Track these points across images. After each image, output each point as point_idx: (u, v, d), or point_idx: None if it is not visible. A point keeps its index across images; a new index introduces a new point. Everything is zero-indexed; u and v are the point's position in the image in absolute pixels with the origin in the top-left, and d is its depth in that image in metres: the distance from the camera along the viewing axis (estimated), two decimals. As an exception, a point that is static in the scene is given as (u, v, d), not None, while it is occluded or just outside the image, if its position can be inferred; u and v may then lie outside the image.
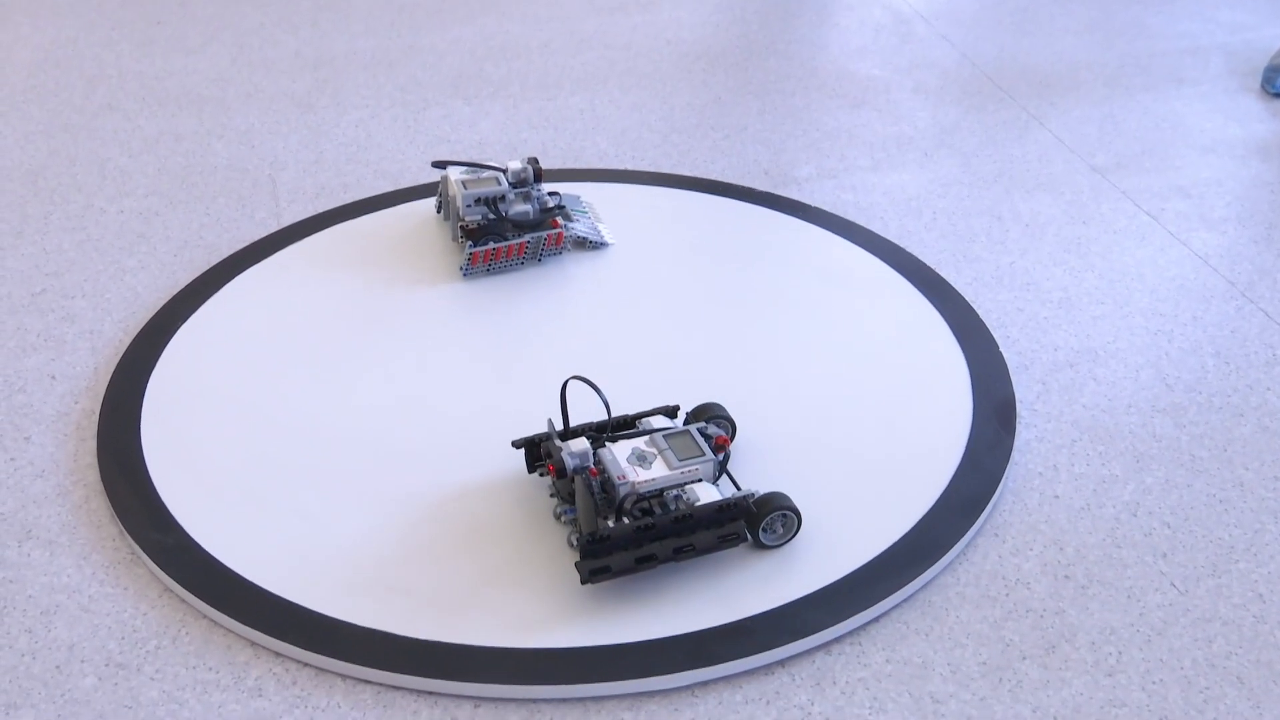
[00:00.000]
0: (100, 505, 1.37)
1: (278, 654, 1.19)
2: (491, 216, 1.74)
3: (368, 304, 1.68)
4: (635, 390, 1.49)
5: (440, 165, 1.73)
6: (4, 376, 1.57)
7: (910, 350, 1.60)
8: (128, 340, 1.62)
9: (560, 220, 1.78)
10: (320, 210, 1.92)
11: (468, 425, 1.46)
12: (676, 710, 1.14)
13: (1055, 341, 1.64)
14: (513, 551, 1.29)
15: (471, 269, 1.72)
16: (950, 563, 1.30)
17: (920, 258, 1.80)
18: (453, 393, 1.51)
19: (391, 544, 1.30)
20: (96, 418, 1.48)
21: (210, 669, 1.18)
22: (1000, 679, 1.17)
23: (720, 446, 1.30)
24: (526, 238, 1.72)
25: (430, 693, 1.15)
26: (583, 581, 1.20)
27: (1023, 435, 1.47)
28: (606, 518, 1.25)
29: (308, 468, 1.40)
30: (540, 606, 1.22)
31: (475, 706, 1.14)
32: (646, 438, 1.30)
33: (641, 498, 1.25)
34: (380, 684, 1.16)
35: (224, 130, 2.18)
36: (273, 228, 1.87)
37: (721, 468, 1.30)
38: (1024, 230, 1.89)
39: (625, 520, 1.23)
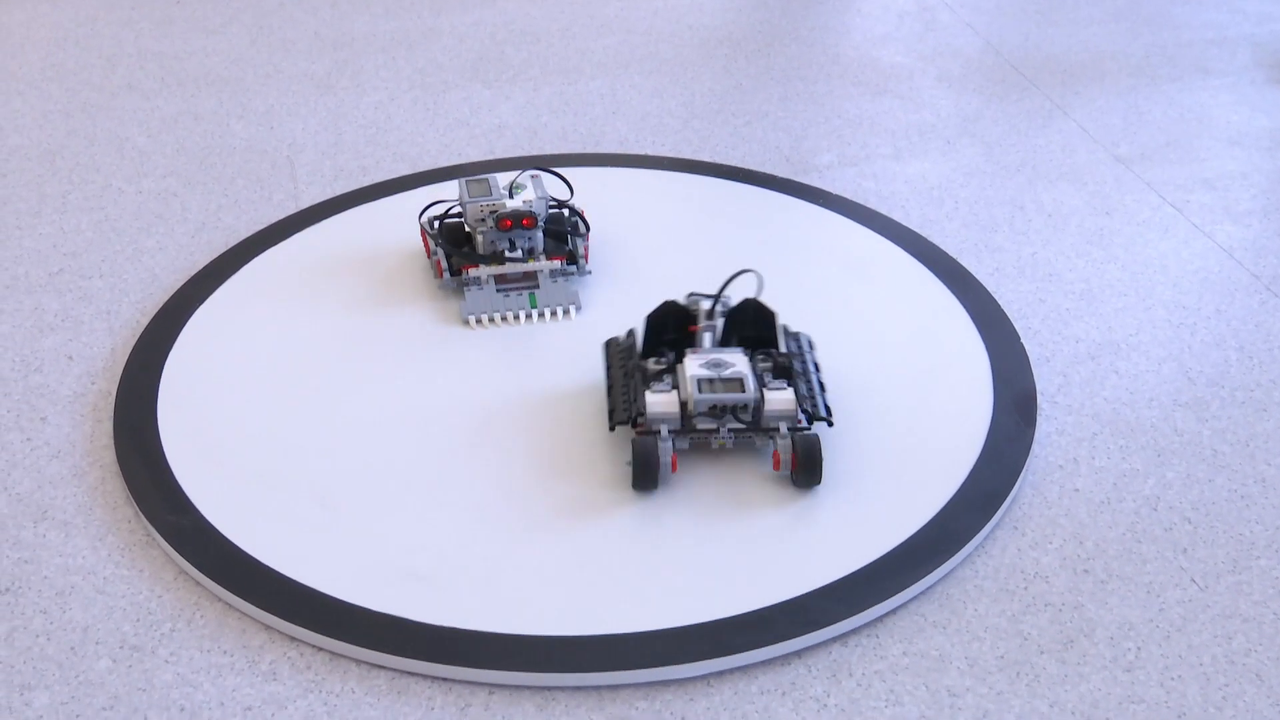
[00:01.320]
0: (116, 487, 1.37)
1: (292, 638, 1.19)
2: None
3: (387, 286, 1.67)
4: (653, 377, 1.49)
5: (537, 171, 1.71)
6: (21, 357, 1.57)
7: (930, 340, 1.59)
8: (145, 321, 1.62)
9: (476, 270, 1.65)
10: (339, 193, 1.91)
11: (487, 410, 1.46)
12: (691, 700, 1.14)
13: (1077, 333, 1.63)
14: (528, 539, 1.28)
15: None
16: (968, 556, 1.29)
17: (942, 247, 1.78)
18: (473, 377, 1.51)
19: (408, 529, 1.29)
20: (113, 399, 1.48)
21: (225, 652, 1.18)
22: (1018, 673, 1.16)
23: None
24: (434, 254, 1.68)
25: (444, 679, 1.15)
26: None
27: (1043, 428, 1.46)
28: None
29: (325, 451, 1.40)
30: (556, 594, 1.22)
31: (489, 694, 1.14)
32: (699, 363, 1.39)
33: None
34: (394, 670, 1.16)
35: (243, 111, 2.17)
36: (291, 210, 1.87)
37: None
38: (1046, 221, 1.88)
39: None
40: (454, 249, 1.65)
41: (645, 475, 1.31)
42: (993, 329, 1.60)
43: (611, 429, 1.38)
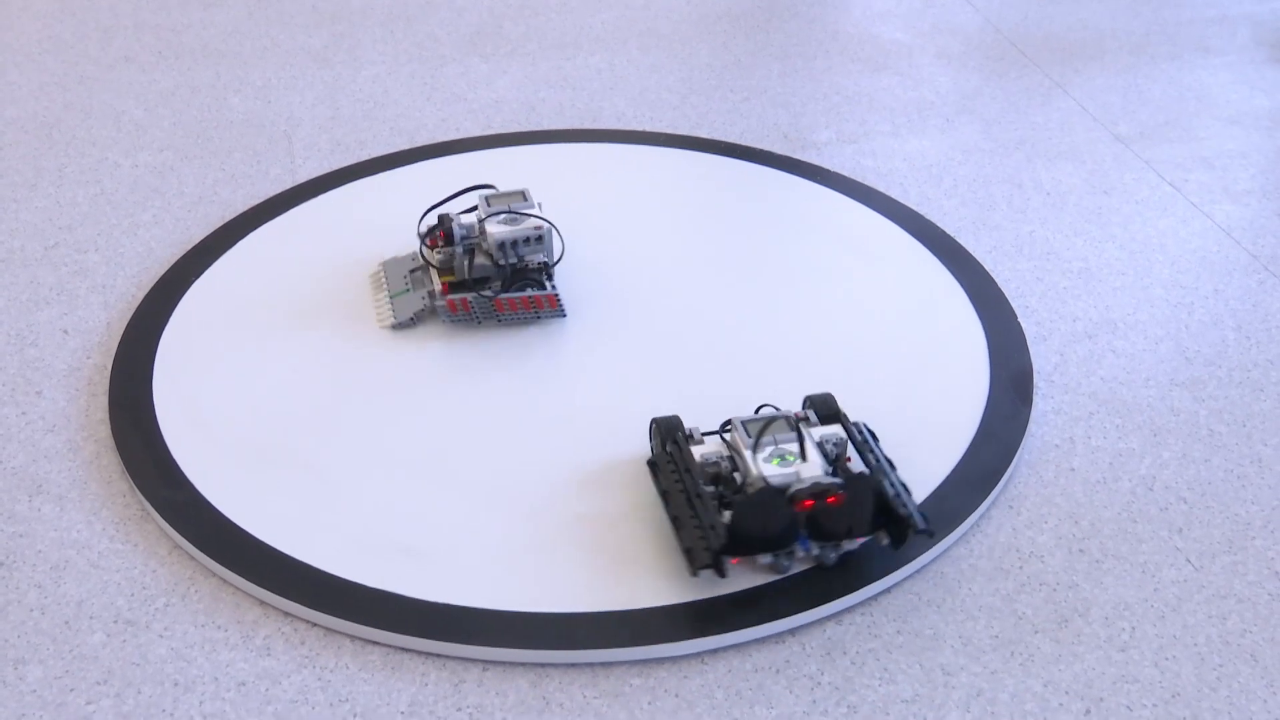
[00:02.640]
0: (111, 461, 1.36)
1: (286, 613, 1.19)
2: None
3: (382, 261, 1.66)
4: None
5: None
6: (16, 330, 1.56)
7: (927, 319, 1.58)
8: (141, 295, 1.61)
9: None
10: (336, 167, 1.91)
11: (484, 384, 1.45)
12: (685, 677, 1.14)
13: (1074, 312, 1.62)
14: (523, 514, 1.28)
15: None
16: (964, 534, 1.29)
17: (939, 225, 1.78)
18: (470, 350, 1.50)
19: (402, 505, 1.29)
20: (108, 373, 1.48)
21: (219, 627, 1.18)
22: (1012, 652, 1.16)
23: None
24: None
25: (438, 655, 1.15)
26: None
27: (1039, 407, 1.46)
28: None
29: (320, 426, 1.39)
30: (549, 571, 1.22)
31: (483, 670, 1.14)
32: (731, 435, 1.26)
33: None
34: (388, 645, 1.16)
35: (240, 84, 2.16)
36: (288, 184, 1.86)
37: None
38: (1045, 199, 1.87)
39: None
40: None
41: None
42: (990, 307, 1.60)
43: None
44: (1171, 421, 1.45)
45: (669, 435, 1.29)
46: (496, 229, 1.52)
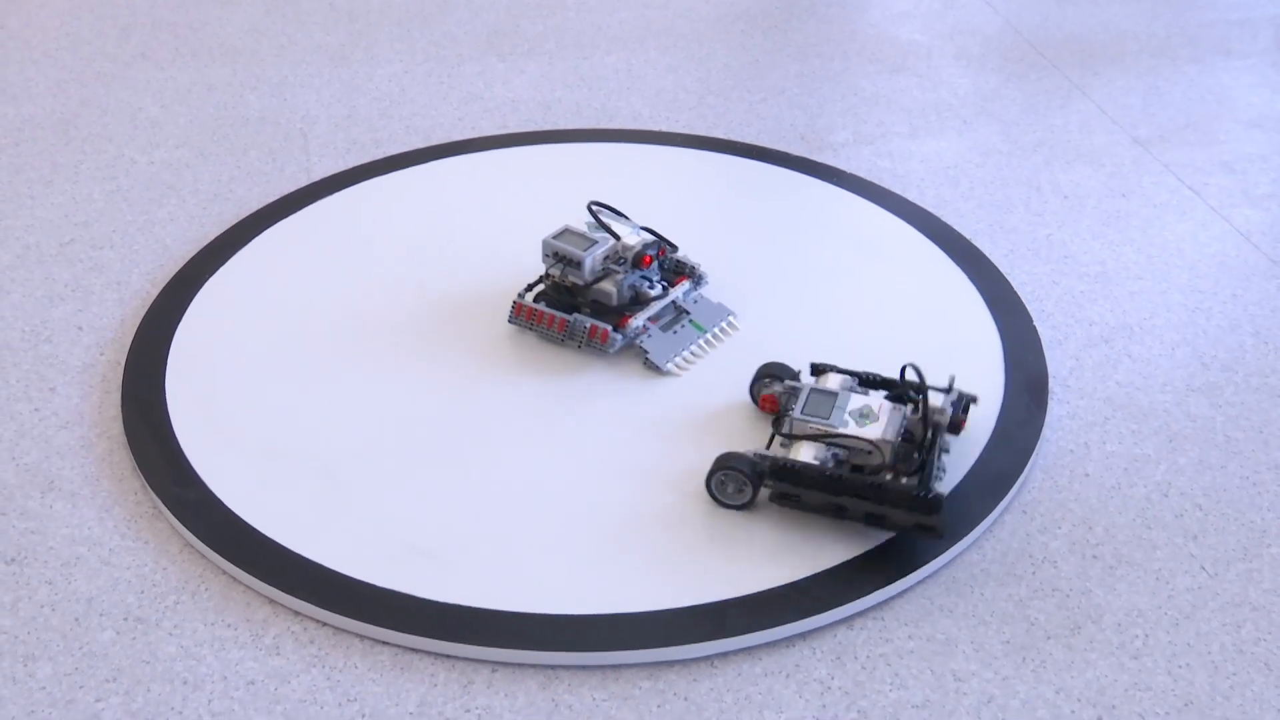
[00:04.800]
0: (123, 458, 1.37)
1: (296, 613, 1.19)
2: (574, 279, 1.50)
3: (395, 261, 1.66)
4: (663, 356, 1.48)
5: (595, 208, 1.53)
6: (31, 326, 1.56)
7: (943, 322, 1.57)
8: (155, 292, 1.61)
9: (636, 319, 1.50)
10: (351, 165, 1.91)
11: (495, 388, 1.45)
12: (695, 680, 1.13)
13: (1091, 316, 1.61)
14: (534, 516, 1.28)
15: (514, 317, 1.52)
16: (977, 539, 1.28)
17: (956, 228, 1.77)
18: (480, 354, 1.50)
19: (413, 505, 1.29)
20: (122, 370, 1.48)
21: (229, 625, 1.18)
22: (1024, 658, 1.16)
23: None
24: (570, 317, 1.49)
25: (448, 656, 1.15)
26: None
27: (1054, 411, 1.45)
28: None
29: (332, 426, 1.39)
30: (561, 573, 1.22)
31: (493, 671, 1.14)
32: (864, 396, 1.32)
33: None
34: (398, 645, 1.16)
35: (257, 82, 2.16)
36: (303, 182, 1.86)
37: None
38: (1063, 202, 1.86)
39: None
40: (564, 310, 1.50)
41: None
42: (1006, 311, 1.59)
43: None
44: (1188, 427, 1.44)
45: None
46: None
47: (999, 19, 2.48)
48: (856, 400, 1.30)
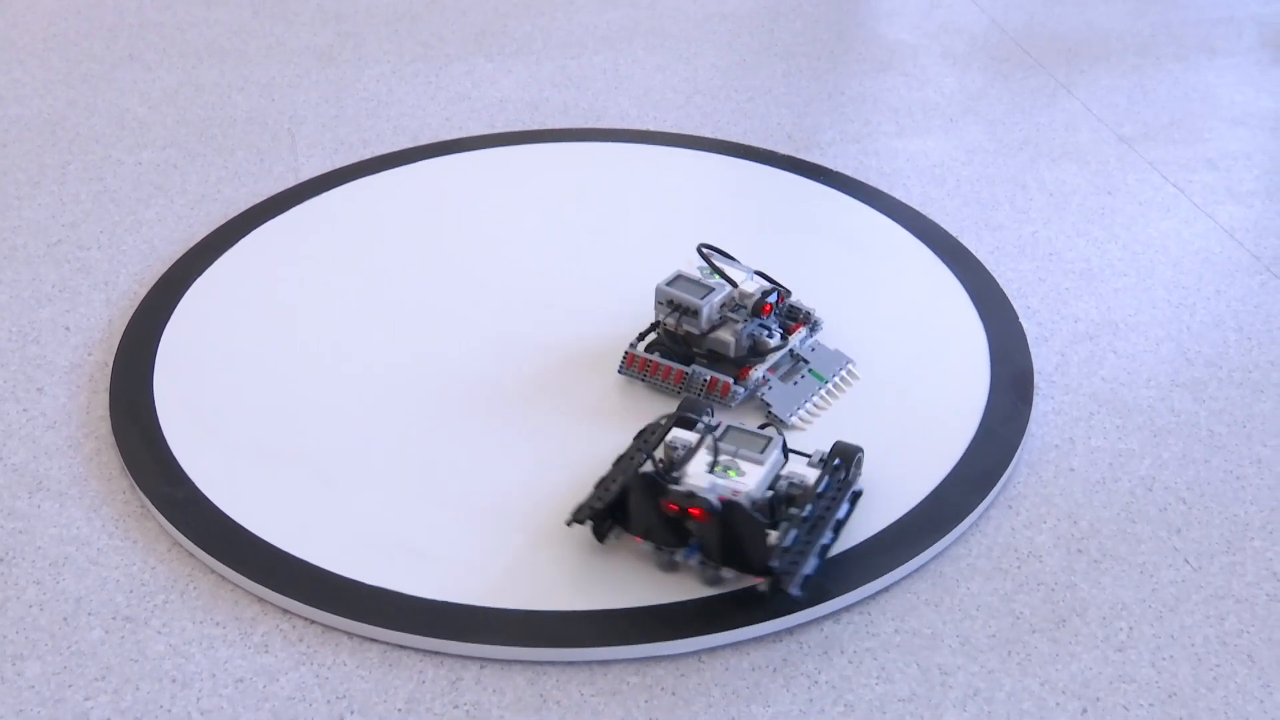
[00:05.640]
0: (111, 458, 1.37)
1: (285, 610, 1.19)
2: (689, 328, 1.43)
3: (383, 262, 1.67)
4: (650, 353, 1.49)
5: (706, 250, 1.48)
6: (18, 327, 1.57)
7: (929, 319, 1.58)
8: (143, 293, 1.62)
9: (756, 370, 1.42)
10: (339, 165, 1.91)
11: (484, 386, 1.46)
12: (683, 675, 1.14)
13: (1076, 313, 1.62)
14: (522, 513, 1.28)
15: (626, 368, 1.46)
16: (962, 534, 1.29)
17: (942, 225, 1.78)
18: (466, 354, 1.51)
19: (401, 503, 1.29)
20: (110, 370, 1.48)
21: (217, 624, 1.18)
22: (1009, 652, 1.16)
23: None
24: (688, 369, 1.42)
25: (436, 653, 1.15)
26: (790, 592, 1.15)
27: (1040, 407, 1.46)
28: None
29: (320, 424, 1.40)
30: (548, 569, 1.22)
31: (481, 668, 1.14)
32: (702, 447, 1.23)
33: (755, 503, 1.19)
34: (386, 643, 1.16)
35: (244, 83, 2.17)
36: (290, 182, 1.87)
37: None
38: (1048, 200, 1.87)
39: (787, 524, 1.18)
40: (680, 360, 1.44)
41: None
42: (991, 308, 1.60)
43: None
44: (1172, 422, 1.45)
45: (681, 411, 1.32)
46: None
47: (985, 18, 2.49)
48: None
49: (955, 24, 2.46)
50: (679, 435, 1.28)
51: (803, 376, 1.45)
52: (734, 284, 1.44)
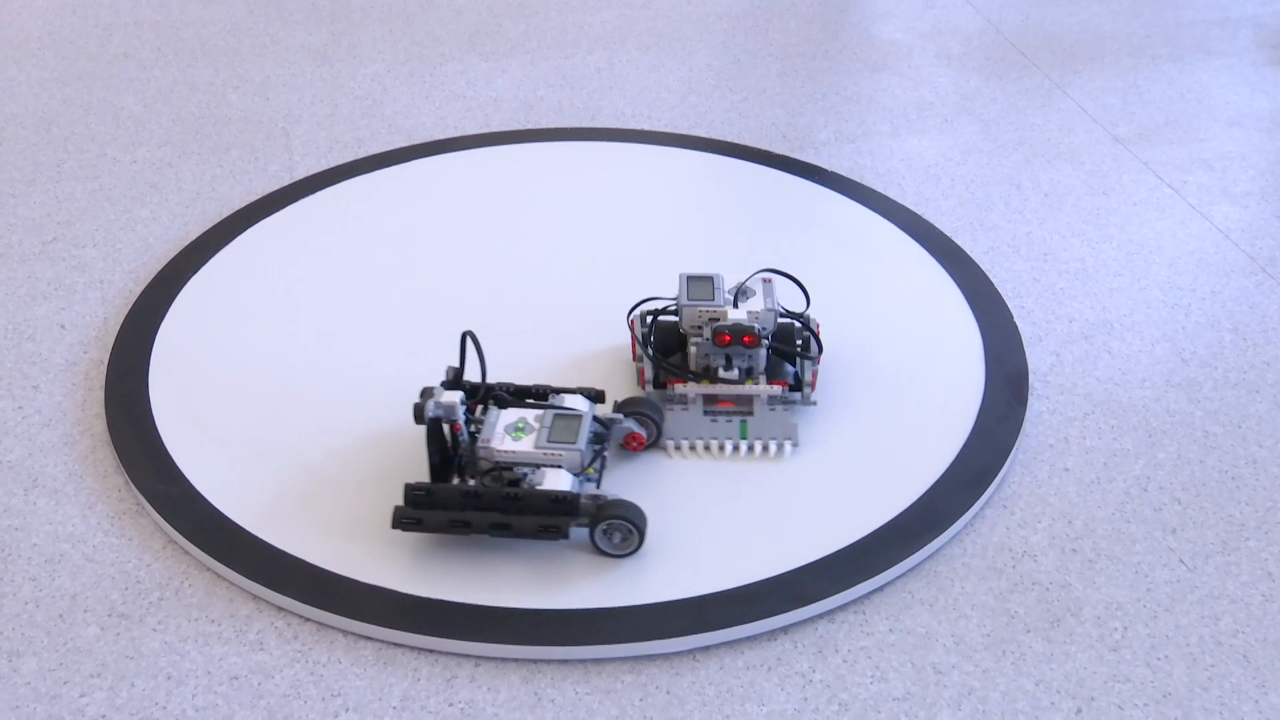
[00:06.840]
0: (106, 455, 1.37)
1: (280, 608, 1.19)
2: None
3: (378, 260, 1.67)
4: (645, 352, 1.49)
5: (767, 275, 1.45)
6: (14, 324, 1.56)
7: (924, 319, 1.58)
8: (138, 291, 1.62)
9: (684, 388, 1.40)
10: (333, 164, 1.91)
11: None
12: (677, 674, 1.14)
13: (1070, 313, 1.62)
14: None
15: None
16: (957, 533, 1.29)
17: (937, 225, 1.78)
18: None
19: (395, 501, 1.29)
20: (105, 368, 1.48)
21: (212, 621, 1.18)
22: (1004, 651, 1.16)
23: (633, 442, 1.33)
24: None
25: (431, 651, 1.15)
26: (392, 526, 1.22)
27: (1034, 407, 1.46)
28: (463, 475, 1.25)
29: (314, 422, 1.40)
30: (543, 568, 1.22)
31: (475, 666, 1.14)
32: (539, 412, 1.27)
33: (496, 465, 1.24)
34: (381, 640, 1.16)
35: (239, 81, 2.16)
36: (285, 181, 1.87)
37: (597, 455, 1.28)
38: (1043, 200, 1.87)
39: (468, 481, 1.24)
40: (662, 357, 1.42)
41: None
42: (986, 307, 1.60)
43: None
44: (1167, 422, 1.45)
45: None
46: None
47: (980, 18, 2.49)
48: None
49: (950, 24, 2.46)
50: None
51: (729, 421, 1.39)
52: (735, 304, 1.40)
